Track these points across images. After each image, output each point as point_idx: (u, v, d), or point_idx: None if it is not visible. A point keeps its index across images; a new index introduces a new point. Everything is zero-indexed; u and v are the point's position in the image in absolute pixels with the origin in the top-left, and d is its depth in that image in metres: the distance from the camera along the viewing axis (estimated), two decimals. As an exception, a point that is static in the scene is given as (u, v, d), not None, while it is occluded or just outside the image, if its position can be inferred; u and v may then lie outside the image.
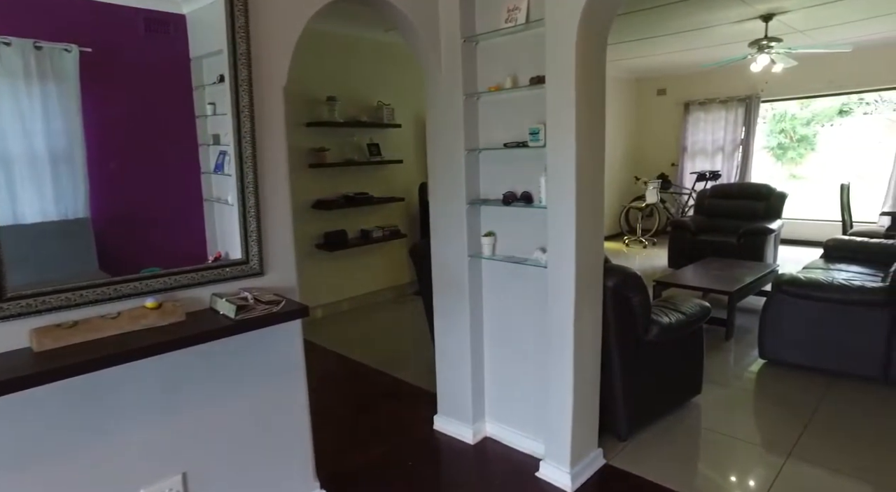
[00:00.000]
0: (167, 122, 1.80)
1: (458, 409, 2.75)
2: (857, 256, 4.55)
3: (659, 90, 8.71)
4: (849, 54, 6.69)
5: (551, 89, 2.10)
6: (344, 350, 4.05)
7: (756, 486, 2.32)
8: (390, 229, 5.28)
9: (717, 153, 8.18)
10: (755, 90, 7.70)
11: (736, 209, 6.19)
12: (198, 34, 1.78)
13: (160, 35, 1.78)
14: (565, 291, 2.18)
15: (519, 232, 2.47)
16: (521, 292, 2.48)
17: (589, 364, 2.32)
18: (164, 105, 1.79)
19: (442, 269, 2.68)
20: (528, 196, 2.37)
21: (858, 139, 8.67)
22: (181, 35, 1.79)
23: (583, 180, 2.12)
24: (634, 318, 2.49)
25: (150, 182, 1.76)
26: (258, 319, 1.65)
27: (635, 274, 2.45)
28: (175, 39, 1.80)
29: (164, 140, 1.79)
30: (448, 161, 2.54)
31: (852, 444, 2.61)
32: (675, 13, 4.94)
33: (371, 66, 5.17)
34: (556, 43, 2.06)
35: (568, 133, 2.07)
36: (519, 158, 2.41)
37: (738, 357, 3.69)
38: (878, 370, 3.12)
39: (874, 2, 4.78)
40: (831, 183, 7.45)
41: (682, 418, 2.87)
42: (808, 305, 3.25)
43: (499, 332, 2.63)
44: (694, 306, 2.84)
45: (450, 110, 2.49)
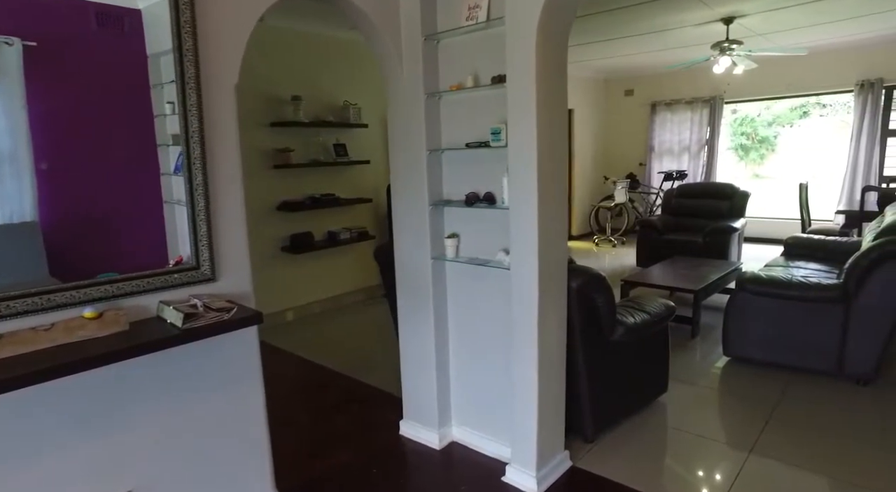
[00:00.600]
0: (124, 121, 1.71)
1: (423, 413, 2.70)
2: (815, 253, 4.67)
3: (627, 91, 8.81)
4: (805, 58, 6.88)
5: (512, 88, 2.07)
6: (310, 354, 3.97)
7: (719, 483, 2.34)
8: (358, 231, 5.20)
9: (684, 153, 8.32)
10: (719, 91, 7.85)
11: (701, 208, 6.30)
12: (154, 30, 1.71)
13: (114, 30, 1.70)
14: (529, 293, 2.15)
15: (482, 233, 2.44)
16: (486, 294, 2.45)
17: (554, 366, 2.30)
18: (120, 103, 1.71)
19: (405, 271, 2.63)
20: (491, 197, 2.34)
21: (815, 140, 8.94)
22: (136, 31, 1.71)
23: (545, 180, 2.10)
24: (599, 318, 2.48)
25: (106, 183, 1.67)
26: (207, 328, 1.58)
27: (599, 275, 2.44)
28: (130, 35, 1.72)
29: (120, 140, 1.70)
30: (410, 162, 2.50)
31: (810, 437, 2.66)
32: (639, 15, 4.98)
33: (337, 65, 5.08)
34: (516, 41, 2.03)
35: (529, 133, 2.05)
36: (481, 159, 2.38)
37: (703, 355, 3.74)
38: (833, 365, 3.19)
39: (827, 8, 4.91)
40: (791, 182, 7.65)
41: (649, 417, 2.89)
42: (769, 302, 3.31)
43: (464, 335, 2.59)
44: (659, 306, 2.85)
45: (411, 110, 2.45)
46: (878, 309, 3.05)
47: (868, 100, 6.84)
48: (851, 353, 3.14)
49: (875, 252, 3.04)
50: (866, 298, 3.06)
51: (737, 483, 2.32)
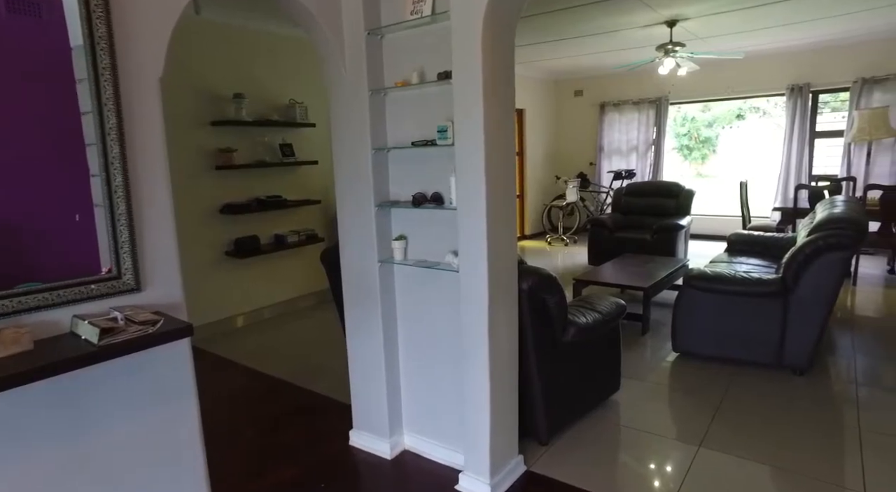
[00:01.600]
0: (46, 117, 1.53)
1: (373, 422, 2.61)
2: (755, 248, 4.84)
3: (576, 91, 8.95)
4: (742, 62, 7.16)
5: (458, 85, 2.01)
6: (257, 363, 3.79)
7: (672, 478, 2.35)
8: (307, 233, 5.03)
9: (632, 153, 8.51)
10: (664, 93, 8.07)
11: (649, 207, 6.44)
12: (77, 20, 1.54)
13: (28, 18, 1.52)
14: (478, 296, 2.10)
15: (431, 235, 2.37)
16: (436, 298, 2.38)
17: (506, 370, 2.26)
18: (41, 99, 1.53)
19: (352, 275, 2.52)
20: (439, 197, 2.27)
21: (752, 141, 9.34)
22: (57, 19, 1.54)
23: (493, 180, 2.04)
24: (551, 319, 2.45)
25: (26, 185, 1.50)
26: (128, 343, 1.44)
27: (550, 275, 2.41)
28: (49, 24, 1.54)
29: (42, 139, 1.52)
30: (355, 161, 2.40)
31: (753, 428, 2.72)
32: (585, 16, 5.04)
33: (282, 62, 4.90)
34: (461, 36, 1.97)
35: (476, 131, 1.99)
36: (429, 158, 2.31)
37: (653, 351, 3.79)
38: (773, 356, 3.29)
39: (762, 14, 5.11)
40: (731, 181, 7.96)
41: (602, 416, 2.89)
42: (714, 298, 3.38)
43: (414, 340, 2.51)
44: (610, 305, 2.86)
45: (355, 107, 2.35)
46: (813, 302, 3.16)
47: (797, 103, 7.18)
48: (789, 344, 3.25)
49: (809, 247, 3.15)
50: (802, 291, 3.17)
51: (688, 478, 2.34)
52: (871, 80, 6.66)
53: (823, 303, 3.15)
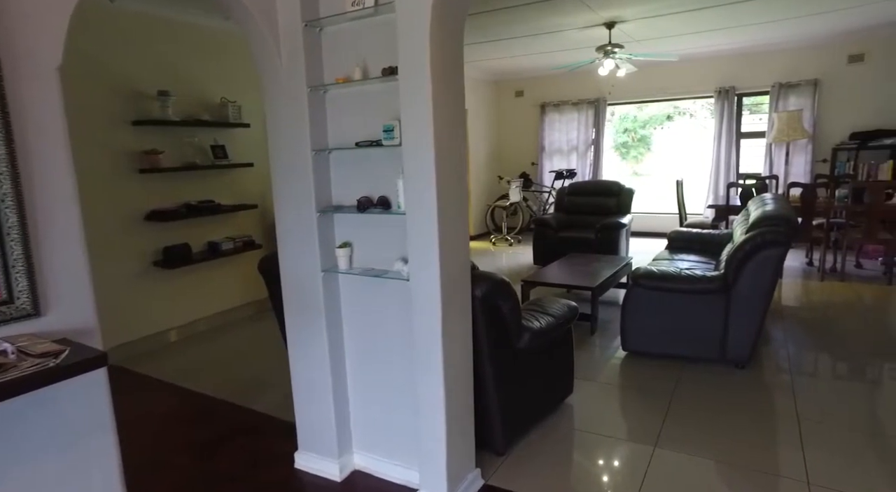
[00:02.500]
0: None
1: (321, 442, 2.44)
2: (694, 245, 4.99)
3: (517, 92, 9.00)
4: (676, 65, 7.43)
5: (405, 81, 1.88)
6: (190, 382, 3.51)
7: (630, 482, 2.32)
8: (243, 240, 4.75)
9: (573, 152, 8.65)
10: (602, 93, 8.25)
11: (592, 206, 6.54)
12: None
13: None
14: (431, 305, 1.98)
15: (378, 241, 2.23)
16: (385, 308, 2.24)
17: (461, 381, 2.15)
18: None
19: (293, 286, 2.34)
20: (386, 201, 2.13)
21: (686, 141, 9.73)
22: None
23: (444, 181, 1.93)
24: (506, 326, 2.37)
25: None
26: (19, 382, 1.22)
27: (504, 280, 2.32)
28: None
29: None
30: (293, 163, 2.22)
31: (704, 424, 2.75)
32: (526, 16, 5.03)
33: (212, 58, 4.60)
34: (408, 29, 1.84)
35: (425, 130, 1.87)
36: (374, 159, 2.17)
37: (602, 350, 3.80)
38: (717, 351, 3.37)
39: (694, 19, 5.29)
40: (667, 180, 8.24)
41: (558, 421, 2.84)
42: (661, 296, 3.42)
43: (363, 353, 2.36)
44: (562, 307, 2.81)
45: (293, 105, 2.17)
46: (752, 297, 3.25)
47: (724, 105, 7.52)
48: (732, 339, 3.33)
49: (748, 244, 3.23)
50: (743, 287, 3.25)
51: (646, 480, 2.31)
52: (787, 85, 7.06)
53: (762, 297, 3.24)
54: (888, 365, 3.44)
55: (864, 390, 3.11)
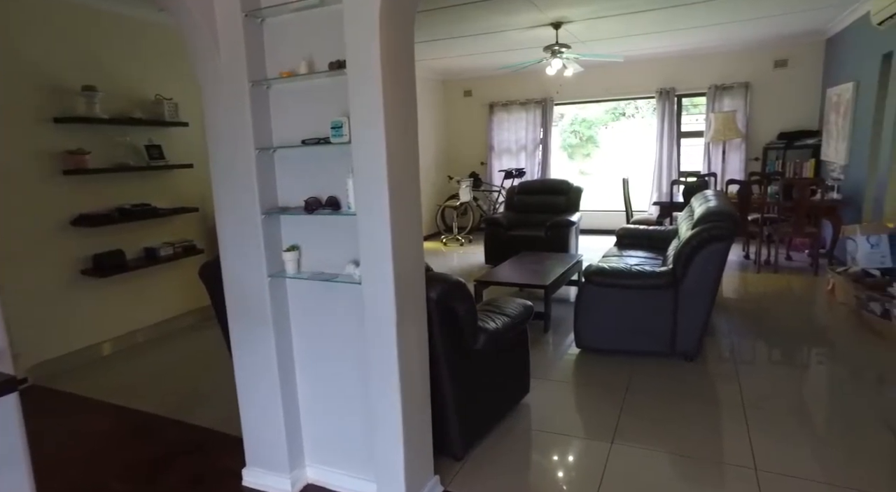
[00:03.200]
0: None
1: (271, 456, 2.31)
2: (642, 241, 5.12)
3: (465, 91, 9.01)
4: (620, 66, 7.62)
5: (353, 75, 1.80)
6: (127, 398, 3.28)
7: (590, 480, 2.32)
8: (183, 245, 4.50)
9: (521, 151, 8.73)
10: (550, 93, 8.37)
11: (541, 204, 6.61)
12: None
13: None
14: (384, 310, 1.90)
15: (328, 244, 2.13)
16: (337, 314, 2.15)
17: (418, 387, 2.08)
18: None
19: (236, 292, 2.21)
20: (336, 202, 2.04)
21: (630, 140, 10.03)
22: None
23: (396, 180, 1.86)
24: (461, 328, 2.32)
25: None
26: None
27: (459, 282, 2.27)
28: None
29: None
30: (235, 163, 2.09)
31: (658, 417, 2.80)
32: (473, 15, 5.01)
33: (144, 52, 4.33)
34: (356, 21, 1.76)
35: (375, 126, 1.79)
36: (322, 158, 2.07)
37: (557, 348, 3.82)
38: (667, 345, 3.45)
39: (636, 21, 5.43)
40: (613, 178, 8.45)
41: (515, 422, 2.81)
42: (613, 292, 3.46)
43: (314, 361, 2.25)
44: (518, 307, 2.79)
45: (233, 101, 2.04)
46: (699, 290, 3.35)
47: (665, 106, 7.78)
48: (680, 333, 3.41)
49: (695, 240, 3.32)
50: (690, 281, 3.34)
51: (605, 477, 2.32)
52: (722, 87, 7.38)
53: (708, 291, 3.34)
54: (815, 350, 3.67)
55: (797, 374, 3.28)
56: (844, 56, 6.08)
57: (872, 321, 3.90)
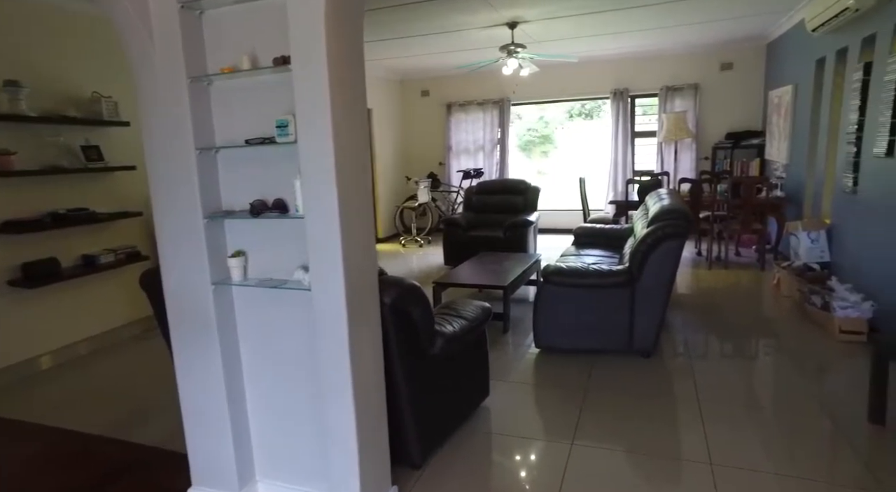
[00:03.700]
0: None
1: (218, 474, 2.18)
2: (599, 240, 5.18)
3: (423, 91, 8.94)
4: (576, 66, 7.72)
5: (299, 72, 1.71)
6: (63, 418, 3.06)
7: (549, 482, 2.29)
8: (126, 252, 4.26)
9: (479, 152, 8.74)
10: (506, 94, 8.40)
11: (499, 204, 6.61)
12: None
13: None
14: (335, 316, 1.82)
15: (276, 249, 2.03)
16: (286, 322, 2.05)
17: (373, 396, 2.01)
18: None
19: (178, 302, 2.08)
20: (283, 204, 1.94)
21: (587, 140, 10.19)
22: None
23: (345, 181, 1.78)
24: (417, 333, 2.25)
25: None
26: None
27: (414, 285, 2.21)
28: None
29: None
30: (174, 164, 1.96)
31: (617, 416, 2.82)
32: (429, 13, 4.96)
33: (77, 45, 4.08)
34: (300, 14, 1.67)
35: (323, 125, 1.71)
36: (269, 159, 1.97)
37: (516, 348, 3.81)
38: (625, 342, 3.48)
39: (590, 22, 5.50)
40: (571, 177, 8.56)
41: (475, 427, 2.77)
42: (571, 292, 3.47)
43: (263, 372, 2.14)
44: (475, 309, 2.75)
45: (171, 99, 1.92)
46: (654, 288, 3.39)
47: (619, 106, 7.93)
48: (637, 330, 3.45)
49: (650, 238, 3.36)
50: (646, 279, 3.38)
51: (566, 478, 2.30)
52: (673, 88, 7.58)
53: (664, 288, 3.39)
54: (762, 342, 3.81)
55: (746, 366, 3.38)
56: (783, 60, 6.34)
57: (814, 314, 4.05)
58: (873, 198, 3.84)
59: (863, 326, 3.66)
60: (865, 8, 3.83)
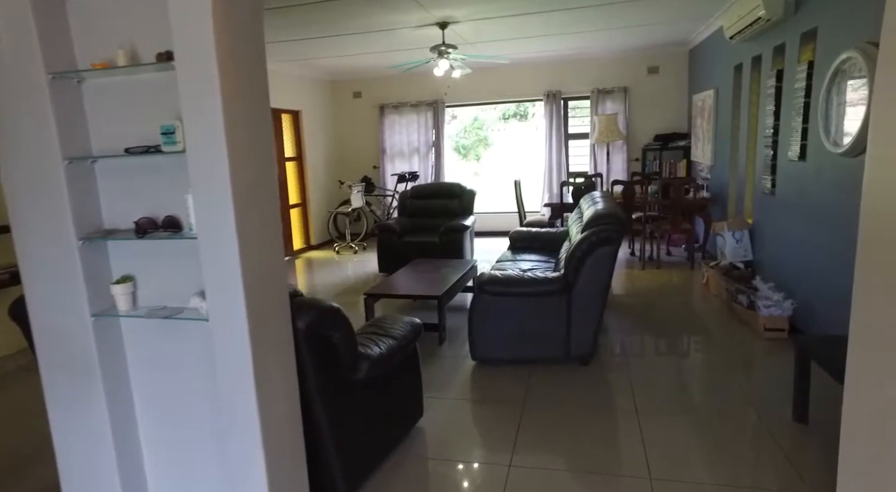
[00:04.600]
0: None
1: (110, 534, 1.89)
2: (535, 244, 5.12)
3: (355, 93, 8.66)
4: (509, 69, 7.69)
5: (184, 69, 1.47)
6: (-74, 469, 2.62)
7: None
8: (9, 271, 3.78)
9: (414, 154, 8.56)
10: (440, 95, 8.27)
11: (435, 208, 6.46)
12: None
13: None
14: (238, 348, 1.59)
15: (171, 272, 1.77)
16: (185, 357, 1.79)
17: (287, 435, 1.78)
18: None
19: (50, 338, 1.77)
20: (175, 222, 1.69)
21: (522, 142, 10.24)
22: None
23: (245, 195, 1.55)
24: (339, 359, 2.05)
25: None
26: None
27: (332, 307, 2.00)
28: None
29: None
30: (37, 177, 1.66)
31: (555, 430, 2.72)
32: (357, 11, 4.74)
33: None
34: (182, 1, 1.43)
35: (214, 131, 1.48)
36: (157, 170, 1.71)
37: (452, 361, 3.65)
38: (562, 350, 3.40)
39: (521, 24, 5.44)
40: (507, 180, 8.54)
41: (408, 451, 2.59)
42: (506, 301, 3.35)
43: (158, 414, 1.87)
44: (405, 326, 2.57)
45: (28, 99, 1.62)
46: (591, 294, 3.33)
47: (553, 109, 7.98)
48: (574, 337, 3.38)
49: (585, 243, 3.30)
50: (582, 285, 3.31)
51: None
52: (604, 90, 7.70)
53: (600, 294, 3.33)
54: (693, 340, 3.89)
55: (682, 369, 3.40)
56: (704, 65, 6.56)
57: (741, 312, 4.15)
58: (789, 199, 3.97)
59: (784, 324, 3.77)
60: (776, 18, 3.95)
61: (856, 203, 3.20)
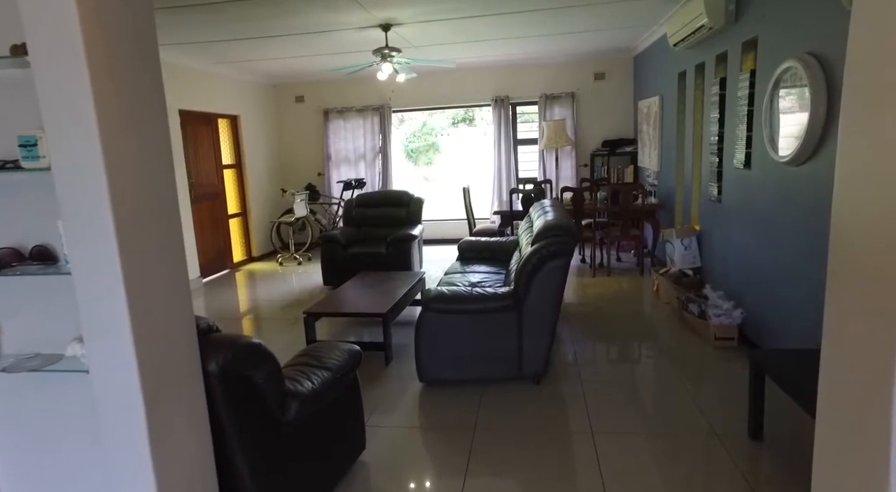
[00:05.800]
0: None
1: None
2: (484, 254, 4.96)
3: (297, 97, 8.31)
4: (456, 73, 7.55)
5: (42, 65, 1.19)
6: None
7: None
8: None
9: (360, 161, 8.27)
10: (385, 100, 8.03)
11: (381, 217, 6.22)
12: None
13: None
14: (127, 404, 1.31)
15: (46, 313, 1.47)
16: (67, 417, 1.49)
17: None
18: None
19: None
20: (47, 253, 1.40)
21: (471, 148, 10.12)
22: None
23: (132, 217, 1.28)
24: (263, 400, 1.79)
25: None
26: None
27: (251, 344, 1.74)
28: None
29: None
30: None
31: (507, 454, 2.56)
32: (295, 10, 4.46)
33: None
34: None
35: (87, 141, 1.21)
36: (20, 190, 1.41)
37: (399, 383, 3.42)
38: (514, 369, 3.24)
39: (466, 28, 5.30)
40: (456, 186, 8.38)
41: (348, 490, 2.34)
42: (454, 318, 3.16)
43: (32, 489, 1.56)
44: (341, 355, 2.32)
45: None
46: (542, 309, 3.18)
47: (501, 114, 7.89)
48: (526, 354, 3.22)
49: (535, 257, 3.15)
50: (533, 300, 3.16)
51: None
52: (551, 96, 7.67)
53: (552, 309, 3.19)
54: (645, 349, 3.86)
55: (635, 381, 3.33)
56: (649, 72, 6.61)
57: (692, 321, 4.11)
58: (735, 206, 3.96)
59: (734, 333, 3.74)
60: (717, 26, 3.95)
61: (800, 212, 3.26)
